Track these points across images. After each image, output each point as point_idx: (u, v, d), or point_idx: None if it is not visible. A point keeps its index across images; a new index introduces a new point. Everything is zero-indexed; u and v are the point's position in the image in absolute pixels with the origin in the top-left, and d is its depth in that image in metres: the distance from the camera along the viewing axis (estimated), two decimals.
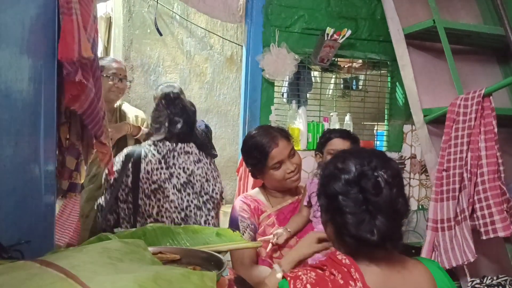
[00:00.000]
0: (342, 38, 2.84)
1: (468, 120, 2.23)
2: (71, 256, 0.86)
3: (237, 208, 1.89)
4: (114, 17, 4.21)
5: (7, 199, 1.25)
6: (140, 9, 4.03)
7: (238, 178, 2.85)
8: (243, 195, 2.04)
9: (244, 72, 2.93)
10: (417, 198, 3.14)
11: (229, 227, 1.83)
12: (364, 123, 3.26)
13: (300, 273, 1.13)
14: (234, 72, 4.41)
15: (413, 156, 3.15)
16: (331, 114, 3.03)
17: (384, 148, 3.15)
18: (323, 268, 1.14)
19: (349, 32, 2.85)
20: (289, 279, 1.12)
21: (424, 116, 2.60)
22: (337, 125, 2.95)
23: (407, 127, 3.15)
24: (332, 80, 3.46)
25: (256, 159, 1.83)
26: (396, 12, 2.77)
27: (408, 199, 3.35)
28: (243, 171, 2.74)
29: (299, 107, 2.95)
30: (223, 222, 2.70)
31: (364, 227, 1.09)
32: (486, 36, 2.75)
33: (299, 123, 2.88)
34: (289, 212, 1.88)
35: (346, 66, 3.25)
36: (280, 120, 2.88)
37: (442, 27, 2.55)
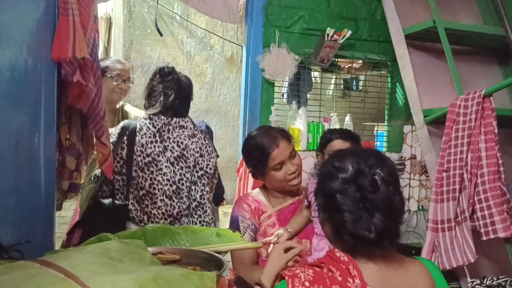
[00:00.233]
0: (342, 38, 2.84)
1: (468, 120, 2.23)
2: (71, 256, 0.86)
3: (237, 208, 1.89)
4: (114, 17, 4.22)
5: (7, 199, 1.25)
6: (140, 9, 4.03)
7: (238, 179, 2.85)
8: (243, 195, 2.04)
9: (244, 72, 2.93)
10: (417, 198, 3.13)
11: (229, 227, 1.82)
12: (364, 123, 3.26)
13: (298, 271, 1.13)
14: (234, 72, 4.41)
15: (413, 157, 3.15)
16: (331, 115, 3.03)
17: (384, 149, 3.15)
18: (321, 265, 1.14)
19: (349, 32, 2.85)
20: (287, 278, 1.12)
21: (424, 116, 2.60)
22: (337, 125, 2.95)
23: (407, 128, 3.15)
24: (332, 81, 3.45)
25: (257, 160, 1.82)
26: (396, 13, 2.77)
27: (408, 199, 3.33)
28: (243, 172, 2.74)
29: (299, 107, 2.95)
30: (223, 222, 2.70)
31: (362, 224, 1.10)
32: (486, 36, 2.75)
33: (299, 124, 2.88)
34: (289, 213, 1.88)
35: (346, 67, 3.25)
36: (280, 121, 2.88)
37: (442, 28, 2.55)
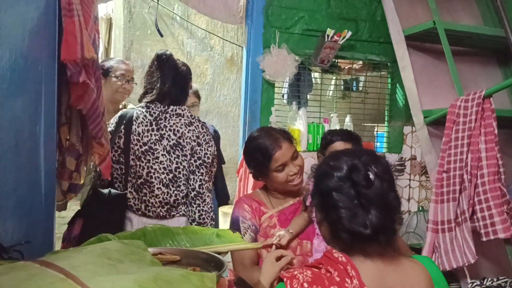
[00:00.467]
0: (343, 39, 2.84)
1: (468, 121, 2.23)
2: (71, 257, 0.86)
3: (238, 209, 1.88)
4: (115, 18, 4.22)
5: (8, 200, 1.25)
6: (141, 10, 4.03)
7: (238, 179, 2.85)
8: (244, 196, 2.04)
9: (245, 73, 2.93)
10: (417, 199, 3.13)
11: (230, 228, 1.82)
12: (364, 124, 3.25)
13: (296, 272, 1.13)
14: (234, 73, 4.41)
15: (413, 158, 3.15)
16: (331, 115, 3.03)
17: (384, 150, 3.15)
18: (319, 266, 1.15)
19: (349, 33, 2.85)
20: (285, 280, 1.12)
21: (424, 117, 2.60)
22: (337, 126, 2.95)
23: (407, 129, 3.15)
24: (333, 82, 3.46)
25: (259, 161, 1.81)
26: (396, 14, 2.77)
27: (408, 200, 3.32)
28: (243, 172, 2.74)
29: (299, 108, 2.95)
30: (223, 223, 2.70)
31: (357, 220, 1.11)
32: (486, 37, 2.75)
33: (299, 124, 2.88)
34: (290, 213, 1.87)
35: (346, 68, 3.25)
36: (280, 121, 2.88)
37: (442, 29, 2.55)
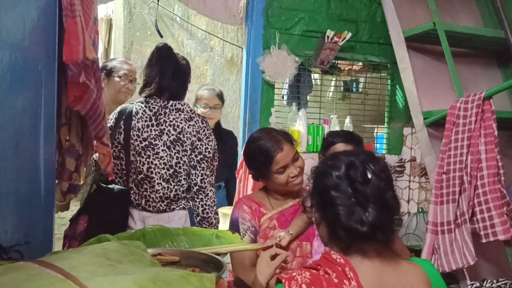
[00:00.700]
0: (343, 40, 2.84)
1: (468, 123, 2.23)
2: (70, 257, 0.86)
3: (238, 210, 1.88)
4: (115, 18, 4.23)
5: (7, 200, 1.25)
6: (141, 11, 4.04)
7: (238, 180, 2.85)
8: (244, 197, 2.04)
9: (245, 74, 2.93)
10: (417, 201, 3.13)
11: (229, 229, 1.82)
12: (364, 125, 3.25)
13: (294, 273, 1.13)
14: (234, 74, 4.42)
15: (413, 159, 3.15)
16: (331, 117, 3.03)
17: (384, 151, 3.15)
18: (318, 268, 1.15)
19: (349, 34, 2.85)
20: (284, 281, 1.12)
21: (424, 118, 2.59)
22: (337, 127, 2.95)
23: (407, 130, 3.15)
24: (332, 83, 3.45)
25: (259, 163, 1.81)
26: (396, 15, 2.77)
27: (408, 202, 3.32)
28: (243, 173, 2.74)
29: (299, 109, 2.95)
30: (223, 224, 2.69)
31: (354, 217, 1.12)
32: (486, 39, 2.75)
33: (299, 125, 2.88)
34: (290, 215, 1.87)
35: (346, 69, 3.25)
36: (280, 122, 2.88)
37: (442, 30, 2.55)
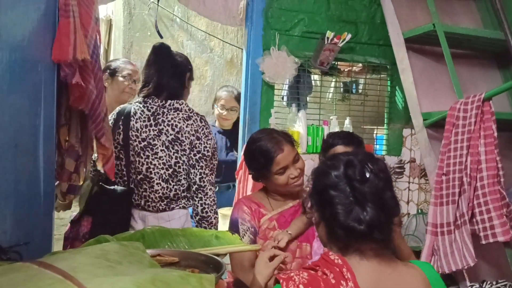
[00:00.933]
0: (342, 41, 2.84)
1: (468, 124, 2.23)
2: (70, 258, 0.86)
3: (237, 210, 1.88)
4: (115, 19, 4.22)
5: (7, 201, 1.25)
6: (141, 11, 4.03)
7: (237, 181, 2.84)
8: (243, 197, 2.04)
9: (244, 75, 2.93)
10: (416, 202, 3.13)
11: (229, 230, 1.82)
12: (364, 127, 3.25)
13: (292, 274, 1.14)
14: (234, 75, 4.41)
15: (412, 160, 3.15)
16: (330, 118, 3.03)
17: (383, 152, 3.15)
18: (316, 268, 1.15)
19: (349, 36, 2.85)
20: (281, 281, 1.12)
21: (424, 120, 2.59)
22: (336, 128, 2.94)
23: (406, 131, 3.15)
24: (332, 84, 3.45)
25: (260, 163, 1.80)
26: (396, 16, 2.77)
27: (408, 203, 3.31)
28: (243, 174, 2.74)
29: (299, 110, 2.94)
30: (222, 225, 2.69)
31: (352, 216, 1.13)
32: (486, 40, 2.75)
33: (298, 127, 2.88)
34: (290, 215, 1.87)
35: (346, 70, 3.25)
36: (280, 123, 2.88)
37: (442, 31, 2.55)
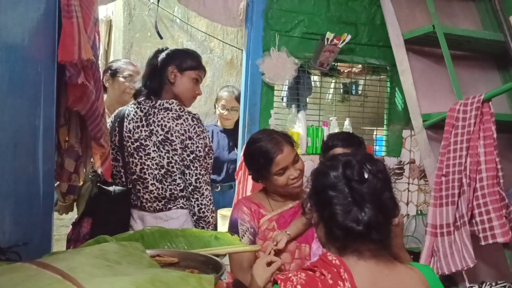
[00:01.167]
0: (342, 43, 2.84)
1: (467, 125, 2.23)
2: (69, 258, 0.86)
3: (237, 211, 1.88)
4: (115, 20, 4.22)
5: (6, 201, 1.25)
6: (141, 12, 4.03)
7: (237, 182, 2.85)
8: (243, 198, 2.04)
9: (244, 76, 2.93)
10: (416, 203, 3.13)
11: (228, 230, 1.82)
12: (363, 128, 3.25)
13: (290, 274, 1.14)
14: (234, 76, 4.41)
15: (412, 161, 3.15)
16: (330, 119, 3.03)
17: (383, 153, 3.15)
18: (314, 269, 1.15)
19: (349, 37, 2.85)
20: (279, 282, 1.13)
21: (423, 121, 2.60)
22: (336, 129, 2.94)
23: (406, 132, 3.15)
24: (332, 85, 3.46)
25: (259, 164, 1.81)
26: (396, 18, 2.77)
27: (407, 204, 3.31)
28: (242, 174, 2.74)
29: (298, 111, 2.95)
30: (222, 226, 2.69)
31: (351, 216, 1.13)
32: (486, 41, 2.76)
33: (298, 127, 2.88)
34: (289, 216, 1.87)
35: (345, 71, 3.25)
36: (280, 124, 2.88)
37: (441, 33, 2.56)
